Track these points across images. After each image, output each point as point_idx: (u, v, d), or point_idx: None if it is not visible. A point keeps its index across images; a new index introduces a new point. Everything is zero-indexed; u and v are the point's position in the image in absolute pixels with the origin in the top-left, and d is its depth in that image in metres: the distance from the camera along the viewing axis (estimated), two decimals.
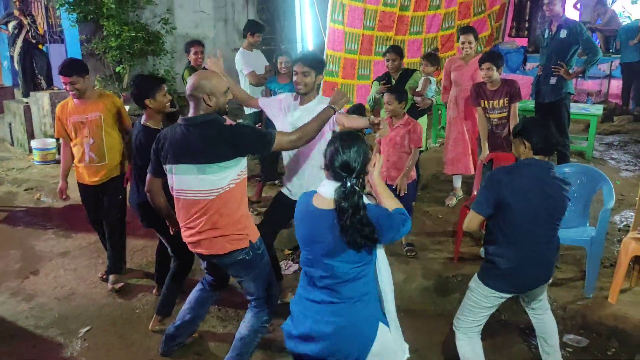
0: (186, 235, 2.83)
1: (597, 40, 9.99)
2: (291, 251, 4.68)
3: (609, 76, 9.60)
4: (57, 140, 7.39)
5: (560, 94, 5.44)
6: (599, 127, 8.03)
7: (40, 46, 8.66)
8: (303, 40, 7.64)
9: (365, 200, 2.16)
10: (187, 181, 2.68)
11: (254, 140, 2.70)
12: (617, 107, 9.21)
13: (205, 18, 9.26)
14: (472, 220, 2.77)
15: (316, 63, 3.39)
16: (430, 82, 5.13)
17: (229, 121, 2.75)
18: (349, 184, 2.11)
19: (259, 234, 2.87)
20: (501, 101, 4.69)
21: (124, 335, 3.54)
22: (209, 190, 2.65)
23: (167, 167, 2.76)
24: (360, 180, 2.20)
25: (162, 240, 3.66)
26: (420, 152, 5.29)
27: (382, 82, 5.08)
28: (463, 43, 5.15)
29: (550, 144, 2.71)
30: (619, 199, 5.50)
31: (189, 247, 2.87)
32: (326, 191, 2.18)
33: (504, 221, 2.67)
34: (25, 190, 6.45)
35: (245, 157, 2.74)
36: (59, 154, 7.26)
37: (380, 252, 2.25)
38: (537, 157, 2.70)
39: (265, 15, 10.14)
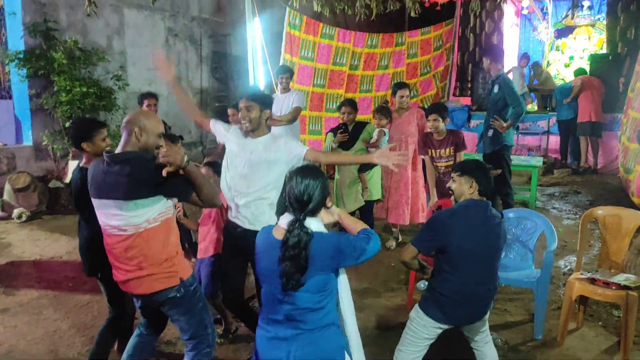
0: (115, 275, 2.79)
1: (535, 99, 10.63)
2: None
3: (548, 132, 10.16)
4: (1, 197, 7.19)
5: (498, 145, 5.72)
6: (541, 179, 8.43)
7: None
8: None
9: (319, 227, 2.20)
10: (106, 217, 2.68)
11: (177, 188, 2.63)
12: (557, 161, 9.70)
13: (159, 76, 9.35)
14: (407, 252, 2.90)
15: (260, 98, 3.40)
16: (385, 133, 5.31)
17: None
18: (299, 218, 2.16)
19: (192, 271, 2.83)
20: (447, 150, 4.90)
21: None
22: (126, 226, 2.63)
23: (93, 200, 2.75)
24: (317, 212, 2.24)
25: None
26: (377, 200, 5.50)
27: (339, 131, 5.23)
28: (402, 97, 5.52)
29: (492, 188, 2.91)
30: (562, 245, 5.72)
31: (120, 286, 2.82)
32: (283, 222, 2.22)
33: (445, 259, 2.81)
34: None
35: (167, 199, 2.69)
36: (3, 210, 7.09)
37: (343, 277, 2.28)
38: (477, 198, 2.86)
39: (219, 74, 10.32)
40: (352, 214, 5.37)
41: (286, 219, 2.22)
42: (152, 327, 3.11)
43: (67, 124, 7.42)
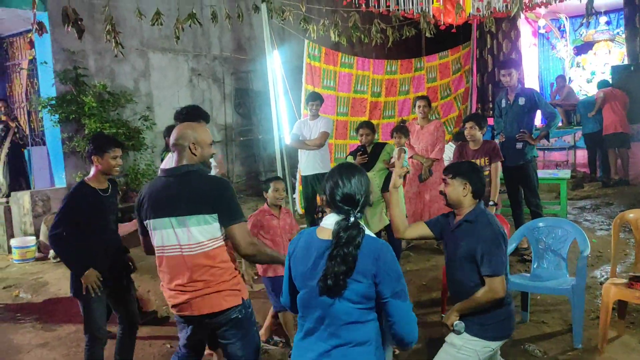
0: (172, 296, 2.65)
1: (559, 115, 10.55)
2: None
3: (574, 147, 10.04)
4: (37, 238, 7.40)
5: (526, 158, 5.70)
6: (571, 194, 8.30)
7: (22, 149, 8.83)
8: (279, 129, 7.93)
9: (368, 232, 2.10)
10: (167, 236, 2.57)
11: (227, 207, 2.54)
12: (586, 175, 9.56)
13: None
14: (502, 285, 2.69)
15: None
16: (405, 151, 5.34)
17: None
18: (352, 218, 2.04)
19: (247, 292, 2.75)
20: (482, 160, 4.92)
21: None
22: (191, 244, 2.53)
23: (147, 222, 2.65)
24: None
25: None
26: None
27: (358, 153, 5.30)
28: (419, 107, 5.96)
29: (484, 190, 2.91)
30: (597, 255, 5.60)
31: (174, 310, 2.70)
32: (328, 222, 2.10)
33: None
34: (4, 288, 6.30)
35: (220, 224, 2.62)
36: (39, 251, 7.28)
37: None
38: (474, 201, 2.84)
39: (242, 109, 10.55)
40: (378, 234, 5.38)
41: (332, 218, 2.10)
42: (190, 355, 2.91)
43: None
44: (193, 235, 2.53)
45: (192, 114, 3.69)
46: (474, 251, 2.73)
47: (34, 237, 7.33)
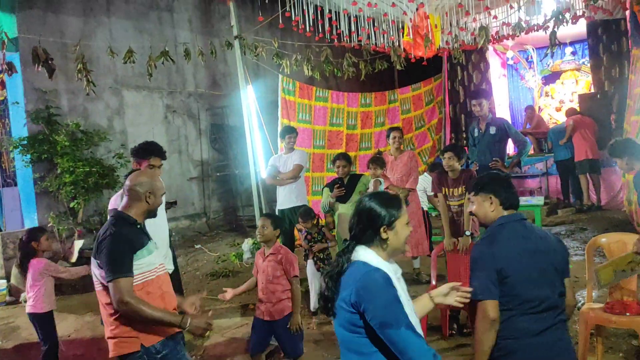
0: None
1: (530, 142, 10.77)
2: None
3: (547, 174, 10.21)
4: (8, 281, 7.19)
5: None
6: (545, 220, 8.40)
7: None
8: (255, 164, 7.94)
9: (369, 258, 2.08)
10: None
11: (106, 260, 2.58)
12: (560, 202, 9.69)
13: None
14: (493, 309, 2.36)
15: None
16: (380, 183, 5.41)
17: None
18: (347, 243, 2.18)
19: (163, 336, 2.66)
20: (460, 189, 4.97)
21: None
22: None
23: None
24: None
25: None
26: None
27: (335, 185, 5.31)
28: (394, 137, 5.92)
29: (517, 197, 2.59)
30: (574, 281, 5.59)
31: None
32: None
33: (507, 296, 2.40)
34: None
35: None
36: (10, 295, 7.06)
37: None
38: (506, 212, 2.54)
39: (218, 144, 10.55)
40: None
41: None
42: None
43: (72, 204, 7.53)
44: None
45: (148, 150, 3.76)
46: None
47: (4, 281, 7.13)
